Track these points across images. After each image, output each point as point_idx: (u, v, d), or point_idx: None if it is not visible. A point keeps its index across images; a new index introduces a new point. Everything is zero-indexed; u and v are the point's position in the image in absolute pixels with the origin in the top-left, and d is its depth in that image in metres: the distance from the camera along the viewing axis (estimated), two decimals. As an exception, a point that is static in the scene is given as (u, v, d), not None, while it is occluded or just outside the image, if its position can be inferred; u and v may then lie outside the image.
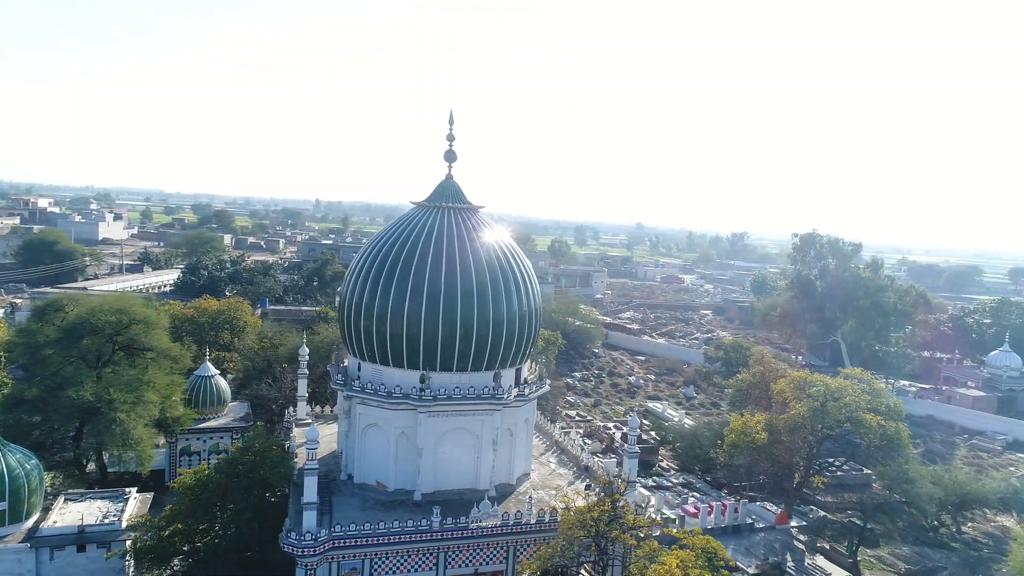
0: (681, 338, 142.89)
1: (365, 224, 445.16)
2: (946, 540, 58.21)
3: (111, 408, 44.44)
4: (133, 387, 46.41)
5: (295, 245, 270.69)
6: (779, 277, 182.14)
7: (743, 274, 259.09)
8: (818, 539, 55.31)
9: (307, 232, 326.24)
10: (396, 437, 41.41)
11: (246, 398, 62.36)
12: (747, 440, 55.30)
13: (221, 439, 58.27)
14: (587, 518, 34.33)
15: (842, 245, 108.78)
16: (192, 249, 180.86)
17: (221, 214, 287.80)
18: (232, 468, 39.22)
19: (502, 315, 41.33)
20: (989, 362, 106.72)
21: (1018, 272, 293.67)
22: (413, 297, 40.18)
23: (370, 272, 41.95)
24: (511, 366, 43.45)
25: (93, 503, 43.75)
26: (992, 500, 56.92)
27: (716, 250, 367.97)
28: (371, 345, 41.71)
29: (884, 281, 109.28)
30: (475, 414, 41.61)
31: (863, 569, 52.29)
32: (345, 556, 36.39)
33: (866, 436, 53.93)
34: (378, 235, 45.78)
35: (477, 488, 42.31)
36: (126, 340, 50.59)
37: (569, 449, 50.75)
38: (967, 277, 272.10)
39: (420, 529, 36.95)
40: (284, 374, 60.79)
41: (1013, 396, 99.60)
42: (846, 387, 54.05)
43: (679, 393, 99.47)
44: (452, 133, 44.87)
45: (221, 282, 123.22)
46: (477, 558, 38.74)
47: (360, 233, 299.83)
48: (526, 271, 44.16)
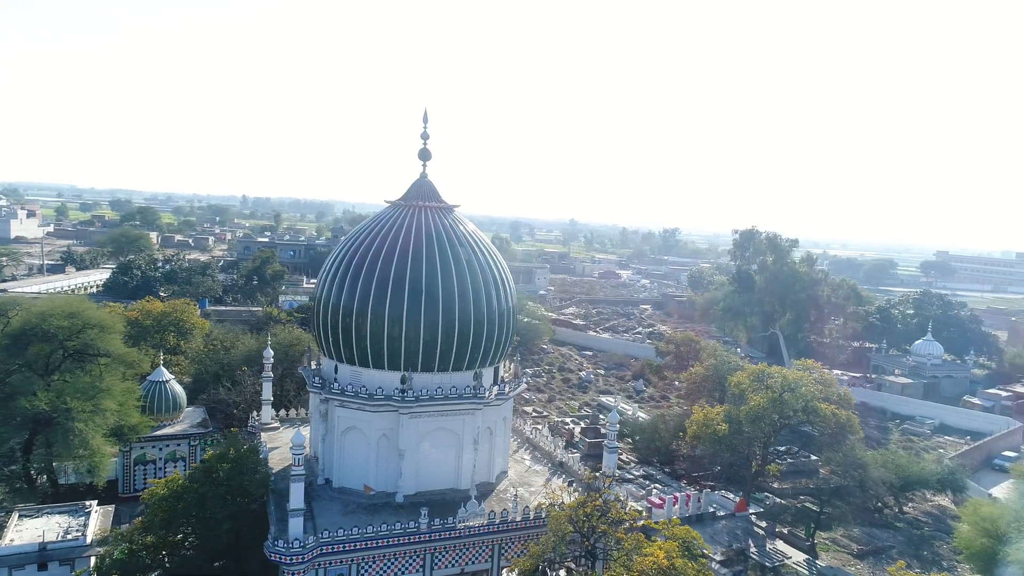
0: (624, 333, 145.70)
1: (296, 220, 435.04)
2: (890, 520, 61.60)
3: (68, 417, 42.20)
4: (90, 395, 44.19)
5: (225, 243, 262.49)
6: (714, 272, 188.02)
7: (677, 269, 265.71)
8: (776, 524, 57.58)
9: (236, 229, 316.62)
10: (377, 439, 40.91)
11: (202, 403, 60.22)
12: (709, 431, 57.00)
13: (178, 446, 56.14)
14: (579, 514, 34.81)
15: (780, 241, 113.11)
16: (118, 248, 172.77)
17: (146, 211, 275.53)
18: (208, 476, 37.90)
19: (482, 314, 41.36)
20: (914, 351, 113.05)
21: (928, 265, 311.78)
22: (394, 298, 39.75)
23: (347, 273, 41.23)
24: (490, 365, 43.52)
25: (51, 518, 41.57)
26: (931, 481, 60.50)
27: (649, 246, 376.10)
28: (350, 347, 41.02)
29: (819, 275, 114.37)
30: (456, 414, 41.51)
31: (819, 551, 54.78)
32: (332, 562, 35.79)
33: (819, 425, 56.41)
34: (352, 235, 45.00)
35: (459, 488, 42.25)
36: (78, 346, 48.06)
37: (542, 446, 51.20)
38: (883, 270, 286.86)
39: (408, 531, 36.68)
40: (244, 377, 58.97)
41: (936, 382, 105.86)
42: (802, 378, 56.46)
43: (629, 387, 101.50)
44: (427, 131, 44.56)
45: (155, 282, 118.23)
46: (463, 558, 38.72)
47: (293, 230, 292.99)
48: (503, 270, 44.27)
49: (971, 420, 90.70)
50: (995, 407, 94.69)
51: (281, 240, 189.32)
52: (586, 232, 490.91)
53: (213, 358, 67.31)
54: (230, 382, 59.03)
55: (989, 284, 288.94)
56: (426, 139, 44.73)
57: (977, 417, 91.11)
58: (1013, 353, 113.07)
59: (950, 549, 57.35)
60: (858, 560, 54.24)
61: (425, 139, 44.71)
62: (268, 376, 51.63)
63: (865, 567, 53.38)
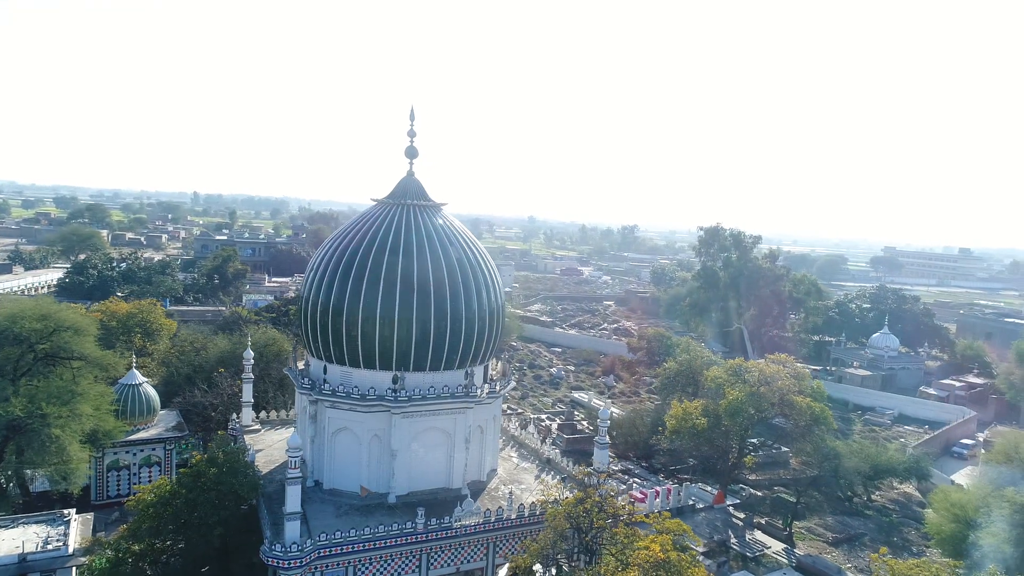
0: (590, 329, 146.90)
1: (251, 218, 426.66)
2: (860, 509, 63.56)
3: (44, 423, 40.73)
4: (65, 399, 42.68)
5: (179, 240, 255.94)
6: (676, 268, 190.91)
7: (637, 265, 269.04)
8: (754, 515, 58.92)
9: (190, 227, 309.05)
10: (369, 440, 40.60)
11: (176, 406, 58.69)
12: (688, 426, 57.96)
13: (153, 451, 54.64)
14: (578, 510, 35.08)
15: (744, 238, 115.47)
16: (69, 247, 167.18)
17: (95, 208, 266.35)
18: (196, 481, 37.06)
19: (473, 312, 41.35)
20: (871, 344, 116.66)
21: (878, 260, 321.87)
22: (386, 297, 39.45)
23: (336, 272, 40.74)
24: (480, 363, 43.55)
25: (28, 528, 39.99)
26: (899, 470, 62.62)
27: (608, 242, 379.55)
28: (340, 347, 40.55)
29: (781, 271, 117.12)
30: (448, 413, 41.44)
31: (796, 540, 56.25)
32: (329, 565, 35.42)
33: (794, 417, 57.77)
34: (338, 233, 44.46)
35: (450, 487, 42.20)
36: (50, 349, 46.40)
37: (528, 443, 51.43)
38: (835, 265, 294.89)
39: (405, 532, 36.51)
40: (221, 379, 57.67)
41: (894, 374, 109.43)
42: (778, 372, 57.82)
43: (600, 383, 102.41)
44: (413, 129, 44.35)
45: (113, 282, 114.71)
46: (459, 557, 38.71)
47: (249, 227, 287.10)
48: (491, 268, 44.29)
49: (928, 410, 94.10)
50: (950, 397, 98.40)
51: (240, 238, 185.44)
52: (545, 229, 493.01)
53: (184, 359, 65.65)
54: (206, 384, 57.66)
55: (934, 278, 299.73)
56: (413, 137, 44.49)
57: (933, 407, 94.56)
58: (964, 345, 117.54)
59: (919, 535, 59.54)
60: (833, 548, 55.85)
61: (412, 137, 44.47)
62: (248, 377, 50.69)
63: (840, 554, 55.01)
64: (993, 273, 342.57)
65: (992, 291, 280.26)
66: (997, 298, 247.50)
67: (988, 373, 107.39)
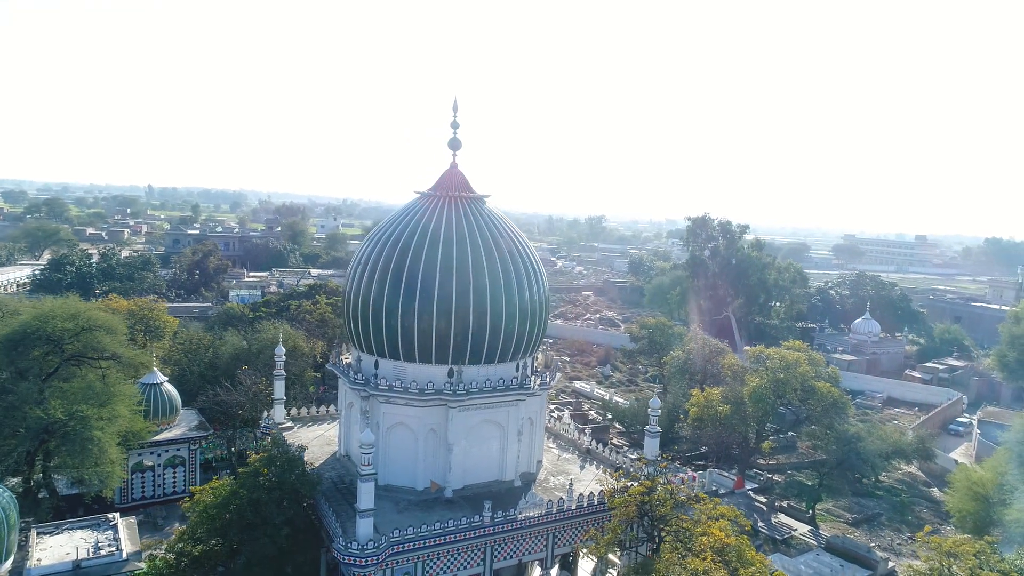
0: (575, 319, 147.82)
1: (212, 211, 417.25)
2: (871, 490, 65.53)
3: (85, 426, 39.41)
4: (103, 401, 41.39)
5: (142, 235, 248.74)
6: (653, 258, 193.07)
7: (609, 255, 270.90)
8: (775, 499, 60.28)
9: (151, 221, 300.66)
10: (425, 435, 40.33)
11: (196, 405, 57.30)
12: (711, 413, 58.99)
13: (177, 451, 53.37)
14: (651, 498, 35.51)
15: (732, 227, 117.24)
16: (34, 242, 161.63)
17: (53, 203, 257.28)
18: (256, 481, 36.36)
19: (526, 303, 41.36)
20: (854, 329, 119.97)
21: (839, 248, 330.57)
22: (442, 290, 39.11)
23: (389, 267, 40.22)
24: (530, 355, 43.61)
25: (72, 535, 38.71)
26: (909, 451, 64.66)
27: (576, 233, 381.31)
28: (394, 343, 40.12)
29: (767, 260, 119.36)
30: (502, 406, 41.39)
31: (818, 522, 57.77)
32: (399, 561, 35.14)
33: (812, 402, 59.13)
34: (381, 227, 43.91)
35: (503, 480, 42.25)
36: (79, 349, 44.84)
37: (564, 434, 51.67)
38: (799, 253, 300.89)
39: (473, 525, 36.39)
40: (245, 376, 56.44)
41: (877, 358, 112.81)
42: (799, 359, 59.14)
43: (596, 372, 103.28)
44: (456, 120, 43.88)
45: (92, 279, 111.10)
46: (521, 548, 38.81)
47: (213, 221, 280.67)
48: (535, 260, 44.28)
49: (915, 392, 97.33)
50: (933, 379, 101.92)
51: (213, 232, 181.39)
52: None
53: (195, 357, 64.07)
54: (229, 382, 56.39)
55: (893, 265, 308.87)
56: (456, 128, 44.00)
57: (920, 389, 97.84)
58: (941, 329, 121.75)
59: (930, 513, 61.78)
60: (854, 528, 57.57)
61: (455, 128, 43.98)
62: (280, 374, 49.78)
63: (861, 534, 56.68)
64: (947, 259, 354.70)
65: (948, 276, 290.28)
66: (953, 283, 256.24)
67: (967, 355, 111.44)
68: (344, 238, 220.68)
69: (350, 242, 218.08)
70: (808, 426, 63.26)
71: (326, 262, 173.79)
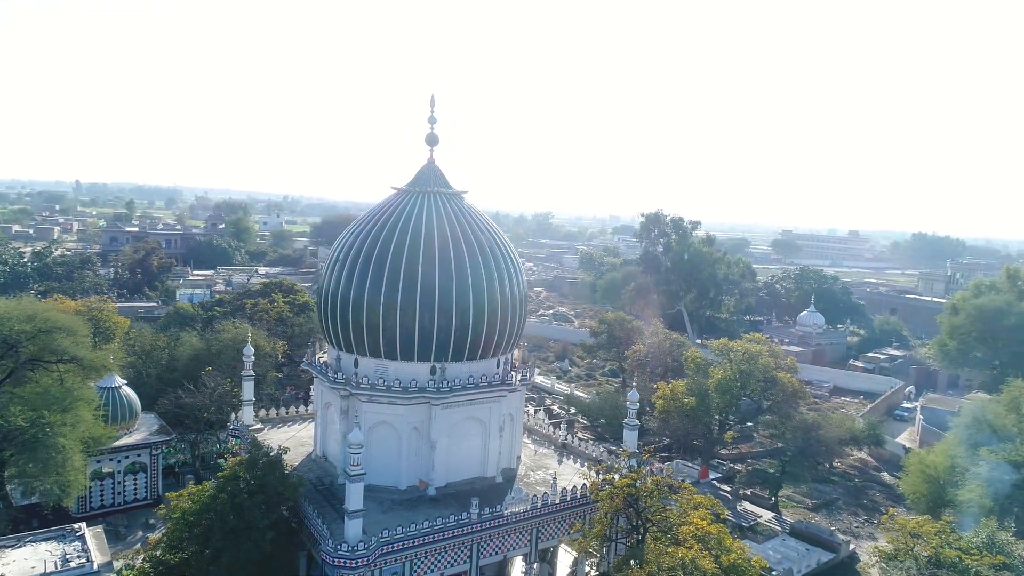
0: (529, 315, 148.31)
1: (146, 208, 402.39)
2: (826, 476, 67.98)
3: (48, 433, 37.58)
4: (67, 406, 39.52)
5: (73, 233, 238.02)
6: (604, 254, 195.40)
7: (557, 252, 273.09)
8: (739, 487, 61.93)
9: (82, 218, 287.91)
10: (408, 433, 39.93)
11: (156, 408, 55.25)
12: (677, 405, 60.18)
13: (139, 457, 51.43)
14: (638, 490, 36.02)
15: (683, 223, 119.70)
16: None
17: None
18: (236, 485, 35.36)
19: (507, 299, 41.40)
20: (800, 321, 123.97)
21: (778, 243, 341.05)
22: (425, 287, 38.77)
23: (369, 263, 39.65)
24: (510, 351, 43.64)
25: (36, 547, 36.91)
26: (861, 438, 67.41)
27: (522, 229, 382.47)
28: (376, 340, 39.56)
29: (718, 255, 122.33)
30: (484, 402, 41.35)
31: (780, 508, 59.63)
32: (387, 561, 34.74)
33: (774, 392, 60.96)
34: (358, 224, 43.26)
35: (485, 476, 42.23)
36: (34, 352, 42.64)
37: (538, 429, 51.93)
38: (740, 248, 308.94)
39: (461, 523, 36.25)
40: (209, 378, 54.67)
41: (822, 349, 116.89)
42: (761, 351, 60.87)
43: (555, 367, 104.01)
44: (434, 115, 43.51)
45: (27, 278, 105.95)
46: (506, 544, 38.84)
47: (149, 218, 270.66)
48: (514, 255, 44.31)
49: (859, 382, 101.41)
50: (875, 369, 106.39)
51: (154, 229, 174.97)
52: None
53: (151, 359, 61.79)
54: (192, 384, 54.57)
55: (828, 259, 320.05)
56: (433, 123, 43.66)
57: (864, 379, 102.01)
58: (881, 320, 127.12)
59: (883, 496, 64.52)
60: (814, 513, 59.66)
61: (432, 123, 43.63)
62: (249, 375, 48.37)
63: (821, 518, 58.78)
64: (876, 253, 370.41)
65: (879, 270, 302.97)
66: (884, 276, 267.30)
67: (906, 345, 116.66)
68: (290, 235, 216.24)
69: (297, 239, 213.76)
70: (767, 416, 65.24)
71: (273, 260, 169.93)
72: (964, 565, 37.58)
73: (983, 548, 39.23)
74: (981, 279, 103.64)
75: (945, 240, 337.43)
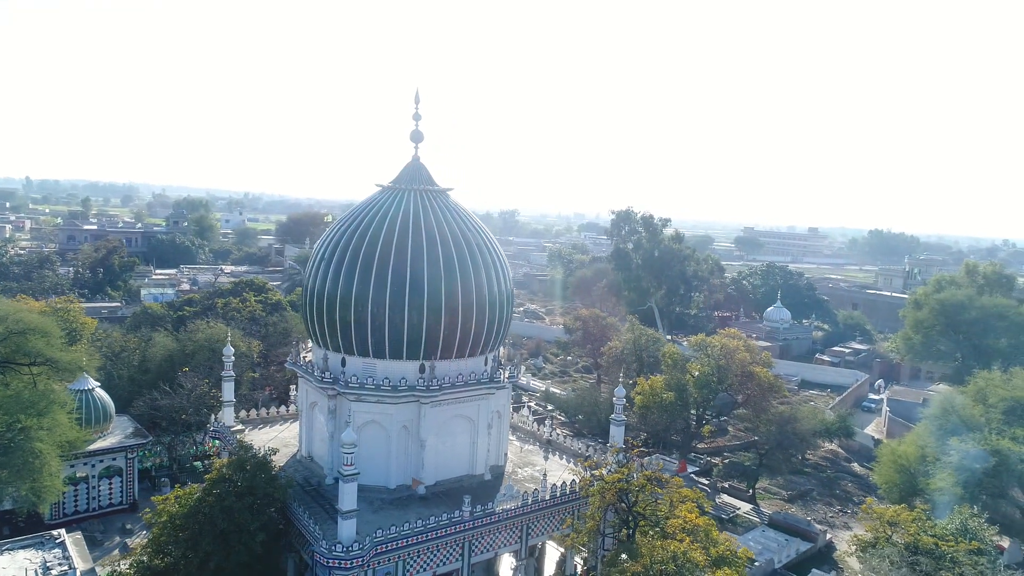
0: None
1: (101, 205, 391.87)
2: (799, 468, 69.43)
3: (26, 437, 36.41)
4: (43, 410, 38.31)
5: (26, 231, 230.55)
6: (572, 251, 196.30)
7: (524, 249, 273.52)
8: (717, 480, 62.90)
9: (35, 216, 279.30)
10: (397, 432, 39.69)
11: (129, 411, 53.88)
12: (656, 400, 60.87)
13: (113, 461, 50.09)
14: (630, 484, 36.36)
15: (654, 220, 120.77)
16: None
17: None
18: (224, 487, 34.74)
19: (495, 296, 41.42)
20: (767, 317, 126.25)
21: (741, 240, 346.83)
22: (414, 285, 38.54)
23: (356, 262, 39.29)
24: (496, 348, 43.63)
25: (15, 555, 35.93)
26: (833, 430, 68.99)
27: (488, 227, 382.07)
28: (363, 339, 39.21)
29: (687, 251, 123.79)
30: (472, 400, 41.32)
31: (758, 500, 60.75)
32: (380, 561, 34.51)
33: (752, 386, 62.08)
34: (343, 221, 42.80)
35: (474, 474, 42.22)
36: (6, 354, 41.17)
37: (522, 426, 52.04)
38: (704, 245, 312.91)
39: (454, 521, 36.18)
40: (186, 379, 53.49)
41: (788, 344, 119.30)
42: (738, 346, 61.90)
43: (529, 364, 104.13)
44: (418, 112, 43.33)
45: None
46: (497, 541, 38.93)
47: (106, 215, 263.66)
48: (499, 253, 44.39)
49: (826, 375, 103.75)
50: (841, 362, 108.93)
51: (114, 227, 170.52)
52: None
53: (121, 361, 60.26)
54: (168, 385, 53.35)
55: (789, 256, 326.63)
56: (417, 120, 43.47)
57: (830, 372, 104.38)
58: (844, 315, 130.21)
59: (854, 486, 66.17)
60: (790, 504, 60.88)
61: (417, 120, 43.44)
62: (230, 375, 47.56)
63: (798, 509, 60.02)
64: (835, 250, 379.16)
65: (838, 266, 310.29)
66: (843, 272, 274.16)
67: (869, 339, 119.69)
68: (255, 233, 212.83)
69: (262, 238, 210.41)
70: (742, 410, 66.38)
71: (239, 258, 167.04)
72: (940, 551, 38.88)
73: (957, 534, 40.64)
74: (942, 274, 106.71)
75: (900, 237, 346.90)
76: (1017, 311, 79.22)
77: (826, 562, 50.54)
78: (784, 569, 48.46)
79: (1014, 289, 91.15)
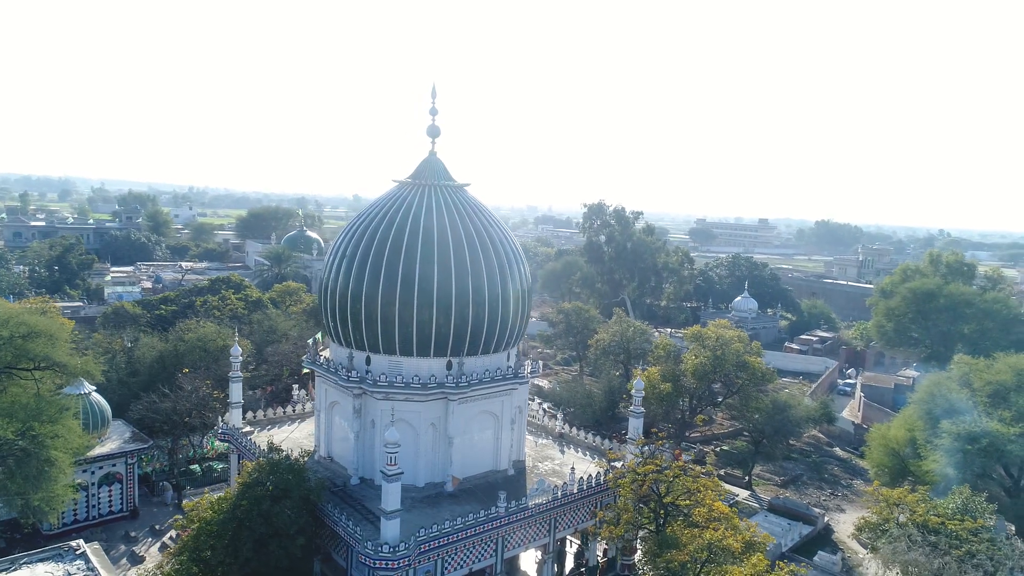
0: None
1: (38, 200, 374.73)
2: (787, 454, 71.45)
3: (39, 445, 34.89)
4: (53, 416, 36.74)
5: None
6: (538, 244, 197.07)
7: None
8: (712, 468, 64.22)
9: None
10: (425, 429, 39.43)
11: (126, 415, 51.98)
12: (654, 392, 61.77)
13: (113, 467, 48.33)
14: (663, 476, 36.94)
15: (625, 214, 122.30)
16: None
17: None
18: (257, 491, 33.96)
19: (517, 292, 41.63)
20: (734, 307, 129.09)
21: (695, 232, 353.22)
22: (442, 282, 38.26)
23: (382, 260, 38.90)
24: (516, 344, 43.71)
25: (33, 568, 34.21)
26: (816, 416, 71.15)
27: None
28: (390, 337, 38.80)
29: (658, 244, 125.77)
30: (497, 396, 41.38)
31: (753, 486, 62.35)
32: (421, 560, 34.30)
33: (745, 375, 63.49)
34: (361, 217, 42.22)
35: (498, 469, 42.32)
36: (10, 359, 39.25)
37: (533, 420, 52.23)
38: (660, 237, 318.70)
39: (491, 517, 36.28)
40: (187, 380, 51.82)
41: (756, 333, 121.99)
42: (733, 337, 63.26)
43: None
44: (435, 107, 42.89)
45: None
46: (528, 536, 39.09)
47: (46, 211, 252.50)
48: (517, 247, 44.41)
49: (795, 363, 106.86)
50: (808, 350, 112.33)
51: (63, 224, 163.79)
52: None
53: (111, 363, 58.00)
54: (167, 387, 51.64)
55: (741, 246, 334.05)
56: (434, 115, 43.03)
57: (799, 360, 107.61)
58: (808, 304, 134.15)
59: (841, 470, 68.50)
60: (783, 489, 62.65)
61: (433, 115, 42.99)
62: (237, 376, 46.40)
63: (792, 493, 61.84)
64: (784, 240, 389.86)
65: (787, 256, 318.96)
66: (793, 262, 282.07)
67: (833, 327, 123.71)
68: (210, 228, 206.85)
69: (218, 233, 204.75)
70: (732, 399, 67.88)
71: (197, 254, 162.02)
72: (948, 529, 40.63)
73: (958, 514, 42.49)
74: (907, 264, 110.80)
75: (845, 227, 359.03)
76: (982, 298, 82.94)
77: (828, 543, 52.27)
78: (791, 552, 49.91)
79: (975, 277, 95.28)
